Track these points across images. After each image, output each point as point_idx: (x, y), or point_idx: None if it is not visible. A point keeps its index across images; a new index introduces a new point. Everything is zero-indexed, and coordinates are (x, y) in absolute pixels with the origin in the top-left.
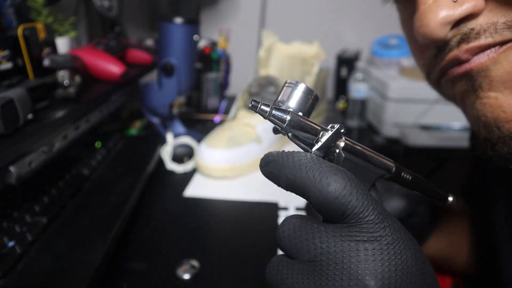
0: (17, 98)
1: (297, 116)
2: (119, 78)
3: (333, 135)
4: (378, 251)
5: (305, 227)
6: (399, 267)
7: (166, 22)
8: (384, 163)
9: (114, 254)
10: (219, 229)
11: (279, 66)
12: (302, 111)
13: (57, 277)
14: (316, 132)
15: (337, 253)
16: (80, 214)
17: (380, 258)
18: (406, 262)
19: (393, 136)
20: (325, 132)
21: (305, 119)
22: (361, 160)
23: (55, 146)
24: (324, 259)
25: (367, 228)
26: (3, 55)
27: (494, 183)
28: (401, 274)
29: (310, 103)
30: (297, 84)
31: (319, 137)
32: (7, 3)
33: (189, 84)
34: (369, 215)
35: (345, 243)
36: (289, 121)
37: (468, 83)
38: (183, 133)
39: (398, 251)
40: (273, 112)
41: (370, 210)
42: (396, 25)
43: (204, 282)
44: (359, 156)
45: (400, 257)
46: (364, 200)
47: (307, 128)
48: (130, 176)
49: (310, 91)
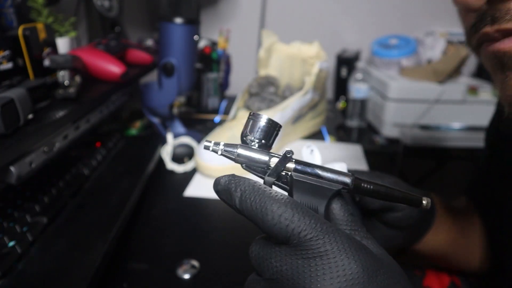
0: (18, 98)
1: (247, 149)
2: (119, 78)
3: (280, 160)
4: (326, 266)
5: (266, 248)
6: (344, 279)
7: (166, 22)
8: (339, 179)
9: (114, 254)
10: (219, 229)
11: (279, 66)
12: (265, 141)
13: (57, 277)
14: (265, 160)
15: (288, 271)
16: (80, 214)
17: (329, 272)
18: (351, 273)
19: (393, 136)
20: (275, 158)
21: (254, 150)
22: (315, 179)
23: (56, 146)
24: (279, 277)
25: (310, 245)
26: (4, 55)
27: (506, 180)
28: (349, 285)
29: (273, 133)
30: (259, 117)
31: (269, 164)
32: (8, 3)
33: (189, 84)
34: (309, 233)
35: (293, 261)
36: (237, 155)
37: (498, 61)
38: (183, 133)
39: (342, 263)
40: (224, 149)
41: (310, 229)
42: (396, 25)
43: (204, 282)
44: (311, 176)
45: (344, 268)
46: (302, 222)
47: (256, 159)
48: (130, 176)
49: (272, 123)
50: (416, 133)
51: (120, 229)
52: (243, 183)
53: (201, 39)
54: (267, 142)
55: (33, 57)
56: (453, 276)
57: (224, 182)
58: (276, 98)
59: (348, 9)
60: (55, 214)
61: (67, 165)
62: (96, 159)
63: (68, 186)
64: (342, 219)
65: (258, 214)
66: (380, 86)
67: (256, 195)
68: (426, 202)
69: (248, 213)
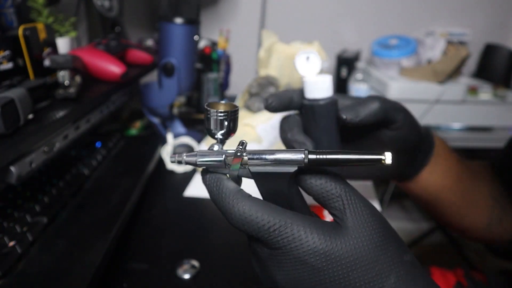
0: (18, 98)
1: (204, 155)
2: (119, 78)
3: (234, 156)
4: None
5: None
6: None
7: (166, 22)
8: (293, 158)
9: (114, 254)
10: (219, 229)
11: (279, 66)
12: (226, 129)
13: (57, 277)
14: (221, 160)
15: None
16: (80, 214)
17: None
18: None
19: None
20: (230, 158)
21: (210, 154)
22: (270, 166)
23: (56, 146)
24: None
25: (269, 241)
26: (4, 55)
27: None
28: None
29: (232, 119)
30: (211, 112)
31: (226, 162)
32: (8, 3)
33: (189, 84)
34: (269, 227)
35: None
36: (198, 163)
37: None
38: (183, 133)
39: (306, 237)
40: (185, 160)
41: (269, 225)
42: (396, 25)
43: (204, 282)
44: (266, 165)
45: (307, 241)
46: (261, 219)
47: (212, 161)
48: (130, 176)
49: (224, 114)
50: None
51: (120, 229)
52: (214, 183)
53: (201, 39)
54: (229, 129)
55: (33, 57)
56: (460, 276)
57: (207, 181)
58: None
59: (348, 9)
60: (55, 214)
61: (67, 165)
62: (96, 159)
63: (68, 186)
64: (315, 194)
65: (225, 213)
66: (380, 86)
67: (219, 196)
68: (386, 157)
69: (221, 211)
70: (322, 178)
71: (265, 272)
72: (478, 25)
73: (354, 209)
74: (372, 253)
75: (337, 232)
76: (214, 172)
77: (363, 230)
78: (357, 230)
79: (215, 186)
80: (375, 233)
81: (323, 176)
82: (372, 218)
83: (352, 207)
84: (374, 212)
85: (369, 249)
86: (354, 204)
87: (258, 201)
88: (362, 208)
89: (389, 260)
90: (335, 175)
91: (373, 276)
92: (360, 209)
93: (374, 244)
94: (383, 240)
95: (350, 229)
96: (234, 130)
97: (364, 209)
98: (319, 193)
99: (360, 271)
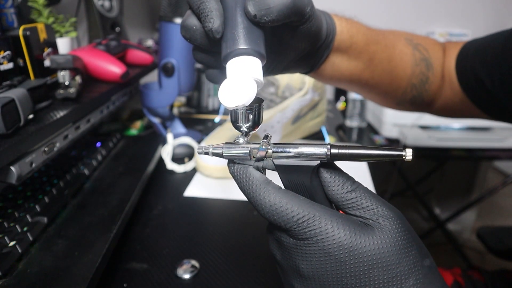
0: (18, 98)
1: (231, 147)
2: (119, 78)
3: (259, 149)
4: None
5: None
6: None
7: (166, 22)
8: (315, 153)
9: (114, 254)
10: (219, 229)
11: None
12: (251, 122)
13: (57, 277)
14: (247, 153)
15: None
16: (80, 214)
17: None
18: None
19: (393, 136)
20: (255, 150)
21: (236, 147)
22: (293, 159)
23: (56, 146)
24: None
25: (297, 232)
26: (4, 55)
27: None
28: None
29: (257, 112)
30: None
31: (251, 155)
32: (8, 3)
33: (189, 84)
34: (298, 219)
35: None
36: (224, 156)
37: None
38: (183, 133)
39: (332, 230)
40: (212, 151)
41: (298, 217)
42: (396, 26)
43: (204, 282)
44: (289, 158)
45: (334, 234)
46: (294, 210)
47: (237, 153)
48: (130, 176)
49: (249, 108)
50: (416, 133)
51: (120, 229)
52: (242, 174)
53: None
54: (254, 122)
55: (34, 57)
56: (457, 275)
57: (233, 170)
58: (276, 98)
59: (347, 10)
60: (55, 214)
61: (67, 165)
62: (96, 159)
63: (68, 186)
64: (332, 190)
65: (255, 204)
66: None
67: (248, 186)
68: (406, 153)
69: (250, 200)
70: (343, 176)
71: (288, 260)
72: (478, 25)
73: (381, 212)
74: (396, 255)
75: (362, 230)
76: (240, 164)
77: (389, 232)
78: (383, 231)
79: (244, 177)
80: (399, 236)
81: (344, 174)
82: (398, 221)
83: (378, 210)
84: (400, 216)
85: (393, 251)
86: (380, 207)
87: (288, 193)
88: (387, 211)
89: (410, 264)
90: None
91: (393, 277)
92: (386, 212)
93: (398, 247)
94: (407, 244)
95: (376, 230)
96: (259, 123)
97: (390, 212)
98: (341, 192)
99: (381, 270)
